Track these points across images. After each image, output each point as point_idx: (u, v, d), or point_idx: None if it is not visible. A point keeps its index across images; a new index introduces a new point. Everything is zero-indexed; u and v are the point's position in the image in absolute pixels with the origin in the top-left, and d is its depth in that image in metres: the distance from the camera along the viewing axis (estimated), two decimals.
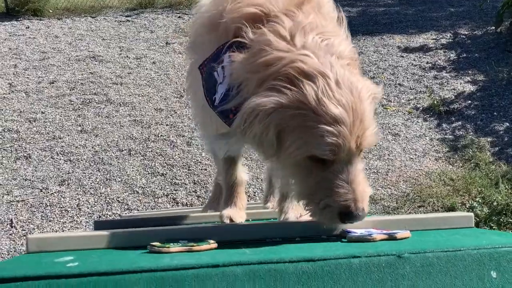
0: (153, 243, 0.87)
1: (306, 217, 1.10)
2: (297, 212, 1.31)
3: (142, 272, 0.70)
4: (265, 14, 1.13)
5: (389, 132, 4.44)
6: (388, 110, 4.90)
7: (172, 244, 0.89)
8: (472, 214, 1.07)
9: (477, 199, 3.45)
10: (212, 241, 0.93)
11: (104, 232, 0.95)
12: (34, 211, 3.48)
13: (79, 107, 4.96)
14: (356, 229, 1.00)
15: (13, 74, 5.71)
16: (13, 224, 3.27)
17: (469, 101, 5.03)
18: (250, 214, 1.47)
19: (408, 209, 3.41)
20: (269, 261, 0.73)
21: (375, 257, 0.75)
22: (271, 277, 0.71)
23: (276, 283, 0.71)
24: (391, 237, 0.92)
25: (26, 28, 7.39)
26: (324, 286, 0.72)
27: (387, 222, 1.05)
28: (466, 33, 6.83)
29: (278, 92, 1.00)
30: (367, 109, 1.03)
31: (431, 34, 6.87)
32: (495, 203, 3.33)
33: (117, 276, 0.69)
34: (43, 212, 3.48)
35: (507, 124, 4.59)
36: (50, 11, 8.18)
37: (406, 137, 4.38)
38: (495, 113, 4.78)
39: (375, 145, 1.04)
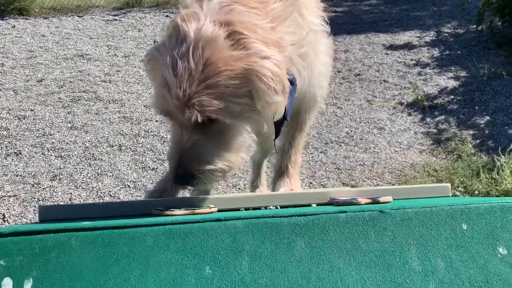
0: (158, 207, 0.95)
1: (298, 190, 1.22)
2: (288, 188, 1.41)
3: (152, 226, 0.77)
4: None
5: (374, 126, 4.56)
6: (374, 105, 5.03)
7: (175, 209, 0.97)
8: (449, 184, 1.17)
9: (459, 189, 3.58)
10: (212, 205, 1.01)
11: (109, 202, 1.02)
12: (27, 206, 3.51)
13: (68, 104, 4.99)
14: (344, 197, 1.09)
15: (0, 72, 5.71)
16: (5, 218, 3.30)
17: (452, 96, 5.19)
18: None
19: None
20: (266, 216, 0.81)
21: (359, 212, 0.84)
22: (268, 228, 0.80)
23: (272, 233, 0.80)
24: (375, 201, 1.01)
25: (12, 27, 7.37)
26: (314, 236, 0.80)
27: (371, 192, 1.14)
28: (449, 31, 7.01)
29: (158, 46, 1.13)
30: (212, 81, 1.03)
31: (415, 32, 7.04)
32: (476, 192, 3.46)
33: (129, 229, 0.76)
34: (35, 206, 3.51)
35: (488, 117, 4.75)
36: (36, 10, 8.16)
37: (391, 130, 4.51)
38: (476, 107, 4.94)
39: (218, 116, 1.07)
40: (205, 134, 1.10)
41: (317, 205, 1.12)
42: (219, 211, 1.02)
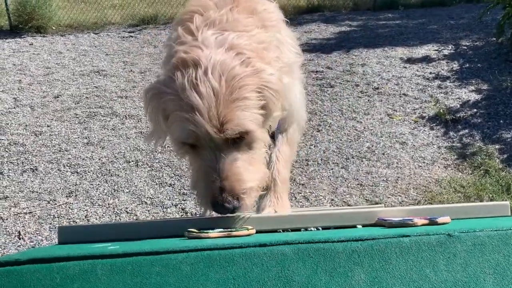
0: (191, 229, 0.85)
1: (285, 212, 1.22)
2: (272, 209, 1.30)
3: (189, 252, 0.67)
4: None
5: (396, 141, 4.43)
6: (394, 119, 4.90)
7: (210, 230, 0.87)
8: (508, 202, 1.05)
9: None
10: (250, 227, 0.91)
11: (137, 222, 0.92)
12: (42, 223, 3.43)
13: (84, 120, 4.96)
14: (394, 217, 0.98)
15: (18, 89, 5.72)
16: (20, 236, 3.23)
17: (475, 110, 5.04)
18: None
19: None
20: (317, 241, 0.71)
21: (425, 236, 0.73)
22: (321, 255, 0.69)
23: (326, 261, 0.69)
24: (432, 222, 0.89)
25: (30, 44, 7.45)
26: (374, 265, 0.69)
27: (424, 211, 1.03)
28: (468, 44, 6.89)
29: (163, 79, 1.11)
30: (237, 95, 1.06)
31: (432, 46, 6.93)
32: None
33: (163, 255, 0.66)
34: (51, 223, 3.43)
35: None
36: (53, 28, 8.25)
37: (414, 145, 4.37)
38: (501, 121, 4.78)
39: (248, 131, 1.07)
40: (238, 151, 1.08)
41: (362, 226, 1.00)
42: (259, 232, 0.92)
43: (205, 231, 0.85)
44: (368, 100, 5.21)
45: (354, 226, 1.00)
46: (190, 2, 1.29)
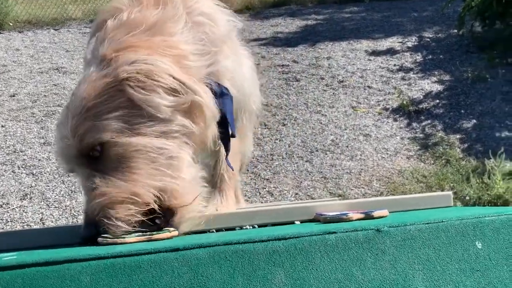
0: (105, 235, 0.78)
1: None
2: (214, 208, 1.22)
3: (90, 260, 0.60)
4: None
5: (360, 133, 4.43)
6: (358, 112, 4.91)
7: (127, 235, 0.80)
8: (450, 192, 1.02)
9: None
10: (172, 229, 0.84)
11: (46, 227, 0.84)
12: None
13: (42, 119, 4.77)
14: (332, 212, 0.93)
15: None
16: None
17: (437, 100, 5.11)
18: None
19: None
20: (235, 242, 0.65)
21: (352, 232, 0.68)
22: (239, 258, 0.63)
23: (244, 264, 0.63)
24: (368, 216, 0.85)
25: None
26: (297, 265, 0.64)
27: (363, 204, 0.99)
28: (431, 36, 6.99)
29: None
30: (84, 105, 0.94)
31: (397, 38, 7.00)
32: (467, 198, 3.34)
33: (59, 266, 0.59)
34: (3, 228, 3.28)
35: (474, 121, 4.67)
36: (11, 24, 7.92)
37: (377, 137, 4.39)
38: (462, 111, 4.86)
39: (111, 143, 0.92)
40: (107, 167, 0.92)
41: (301, 222, 0.95)
42: (185, 234, 0.86)
43: (122, 236, 0.78)
44: (333, 93, 5.21)
45: (292, 222, 0.95)
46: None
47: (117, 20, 1.04)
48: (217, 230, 0.93)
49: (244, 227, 0.93)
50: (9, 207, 3.46)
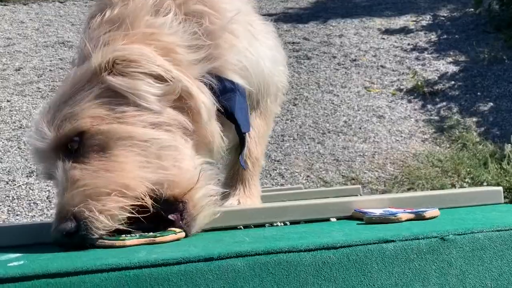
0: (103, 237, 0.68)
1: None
2: (235, 201, 1.11)
3: (109, 271, 0.51)
4: None
5: (373, 114, 4.31)
6: (372, 92, 4.78)
7: (126, 235, 0.70)
8: (500, 188, 0.92)
9: (466, 180, 3.35)
10: (178, 230, 0.74)
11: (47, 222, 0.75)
12: (0, 205, 3.22)
13: (48, 94, 4.67)
14: (373, 209, 0.83)
15: None
16: None
17: (453, 82, 4.96)
18: None
19: (397, 192, 3.29)
20: (278, 251, 0.55)
21: (413, 240, 0.58)
22: (283, 270, 0.54)
23: (289, 278, 0.54)
24: (419, 217, 0.75)
25: None
26: (351, 280, 0.55)
27: (404, 200, 0.89)
28: (446, 14, 6.77)
29: None
30: (64, 95, 0.84)
31: (410, 16, 6.79)
32: (485, 183, 3.24)
33: (73, 277, 0.50)
34: (9, 205, 3.22)
35: (491, 104, 4.53)
36: None
37: (391, 119, 4.27)
38: (478, 93, 4.71)
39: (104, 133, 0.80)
40: (90, 159, 0.80)
41: (337, 219, 0.86)
42: (205, 231, 0.76)
43: (120, 237, 0.69)
44: (346, 73, 5.06)
45: (327, 219, 0.86)
46: None
47: (101, 17, 0.92)
48: (245, 227, 0.84)
49: (274, 224, 0.84)
50: (15, 184, 3.40)
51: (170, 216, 0.76)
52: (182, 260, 0.53)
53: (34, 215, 3.16)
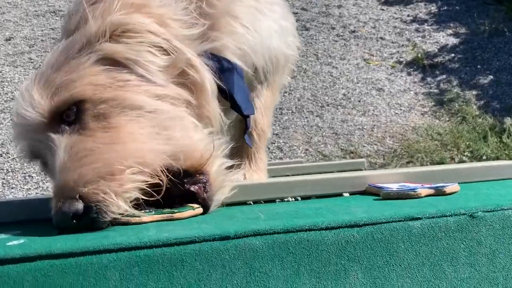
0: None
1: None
2: (241, 175, 1.06)
3: (118, 251, 0.47)
4: None
5: (373, 87, 4.25)
6: (371, 64, 4.70)
7: (145, 212, 0.65)
8: None
9: (465, 154, 3.34)
10: (196, 206, 0.70)
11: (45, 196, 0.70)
12: None
13: (39, 65, 4.56)
14: (388, 183, 0.80)
15: None
16: None
17: (453, 54, 4.88)
18: None
19: (396, 165, 3.28)
20: (298, 229, 0.51)
21: (440, 218, 0.55)
22: (304, 250, 0.50)
23: (311, 258, 0.50)
24: (439, 192, 0.72)
25: None
26: (376, 260, 0.51)
27: (418, 174, 0.85)
28: None
29: None
30: (65, 63, 0.76)
31: None
32: (484, 157, 3.22)
33: (79, 258, 0.46)
34: (4, 178, 3.17)
35: (491, 77, 4.48)
36: None
37: (391, 91, 4.21)
38: (478, 66, 4.66)
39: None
40: (91, 131, 0.72)
41: (350, 194, 0.82)
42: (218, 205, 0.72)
43: (137, 214, 0.63)
44: (344, 44, 4.97)
45: (340, 195, 0.82)
46: None
47: None
48: (255, 202, 0.80)
49: (285, 199, 0.80)
50: (9, 157, 3.34)
51: (192, 188, 0.70)
52: (197, 239, 0.49)
53: (30, 188, 3.12)
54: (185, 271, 0.47)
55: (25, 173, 3.23)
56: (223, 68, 0.91)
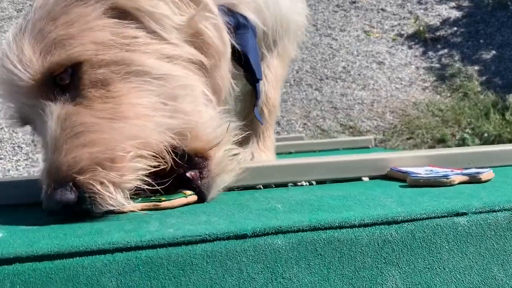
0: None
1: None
2: (248, 155, 0.98)
3: (115, 252, 0.39)
4: None
5: (373, 60, 4.15)
6: (371, 36, 4.57)
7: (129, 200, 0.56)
8: None
9: (466, 130, 3.28)
10: (189, 192, 0.61)
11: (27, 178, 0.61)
12: None
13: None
14: (413, 168, 0.72)
15: None
16: None
17: (455, 28, 4.76)
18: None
19: (396, 142, 3.21)
20: (327, 226, 0.43)
21: (488, 213, 0.47)
22: (334, 252, 0.42)
23: (342, 261, 0.42)
24: (474, 179, 0.64)
25: None
26: (417, 263, 0.44)
27: (446, 157, 0.77)
28: None
29: None
30: (62, 13, 0.64)
31: None
32: (486, 135, 3.17)
33: (68, 260, 0.38)
34: None
35: (494, 52, 4.39)
36: None
37: (391, 65, 4.11)
38: (481, 41, 4.55)
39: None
40: (93, 102, 0.62)
41: (369, 178, 0.75)
42: (226, 190, 0.64)
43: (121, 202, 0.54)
44: (345, 15, 4.82)
45: (359, 179, 0.74)
46: None
47: None
48: (265, 186, 0.72)
49: (299, 184, 0.72)
50: None
51: (188, 174, 0.61)
52: (208, 238, 0.41)
53: (19, 159, 3.02)
54: (195, 277, 0.39)
55: (14, 144, 3.12)
56: (239, 25, 0.81)
